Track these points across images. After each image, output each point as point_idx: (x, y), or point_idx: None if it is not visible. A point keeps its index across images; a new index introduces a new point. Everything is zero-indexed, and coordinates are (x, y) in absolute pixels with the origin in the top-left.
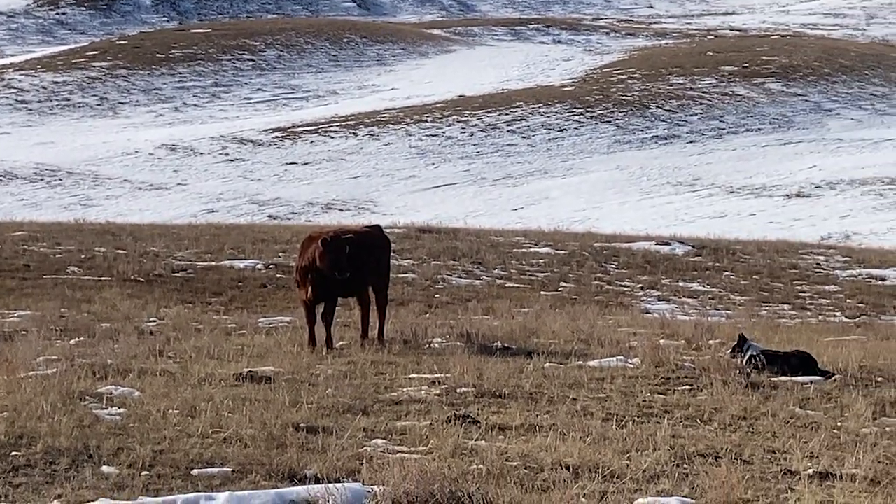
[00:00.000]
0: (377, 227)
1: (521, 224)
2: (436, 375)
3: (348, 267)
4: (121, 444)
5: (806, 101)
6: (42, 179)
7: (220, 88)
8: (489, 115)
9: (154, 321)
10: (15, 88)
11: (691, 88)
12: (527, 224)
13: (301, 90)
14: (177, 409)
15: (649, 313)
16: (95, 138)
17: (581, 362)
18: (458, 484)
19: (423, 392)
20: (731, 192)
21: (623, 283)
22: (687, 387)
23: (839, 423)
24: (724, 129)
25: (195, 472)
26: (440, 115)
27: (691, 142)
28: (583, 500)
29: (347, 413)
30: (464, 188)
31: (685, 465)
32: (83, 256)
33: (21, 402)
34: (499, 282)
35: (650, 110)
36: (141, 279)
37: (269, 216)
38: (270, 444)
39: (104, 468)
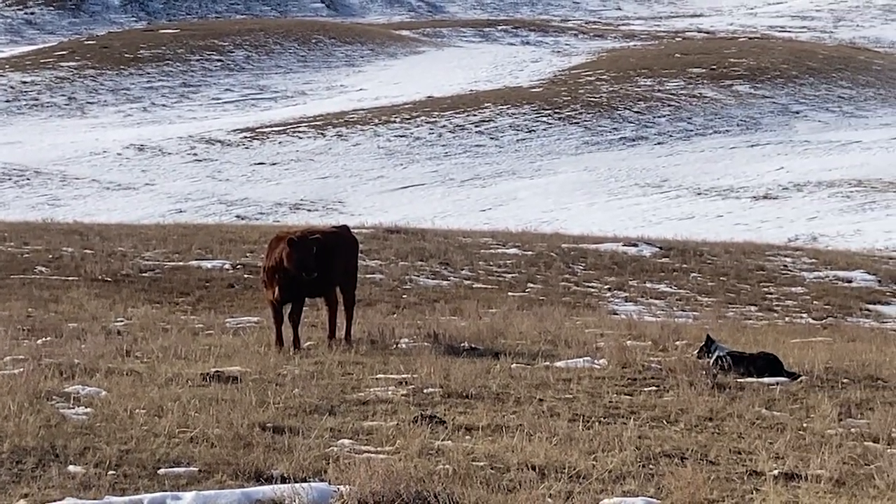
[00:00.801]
0: (345, 227)
1: (489, 225)
2: (403, 376)
3: (315, 267)
4: (87, 444)
5: (773, 103)
6: (10, 179)
7: (189, 89)
8: (457, 116)
9: (121, 321)
10: None
11: (659, 90)
12: (495, 225)
13: (269, 90)
14: (144, 408)
15: (616, 314)
16: (63, 138)
17: (548, 363)
18: (424, 484)
19: (389, 392)
20: (699, 194)
21: (590, 285)
22: (653, 388)
23: (805, 425)
24: (691, 130)
25: (162, 471)
26: (408, 116)
27: (659, 143)
28: (549, 500)
29: (314, 413)
30: (432, 189)
31: (651, 466)
32: (51, 256)
33: None
34: (466, 283)
35: (618, 112)
36: (108, 279)
37: (238, 216)
38: (237, 443)
39: (71, 467)
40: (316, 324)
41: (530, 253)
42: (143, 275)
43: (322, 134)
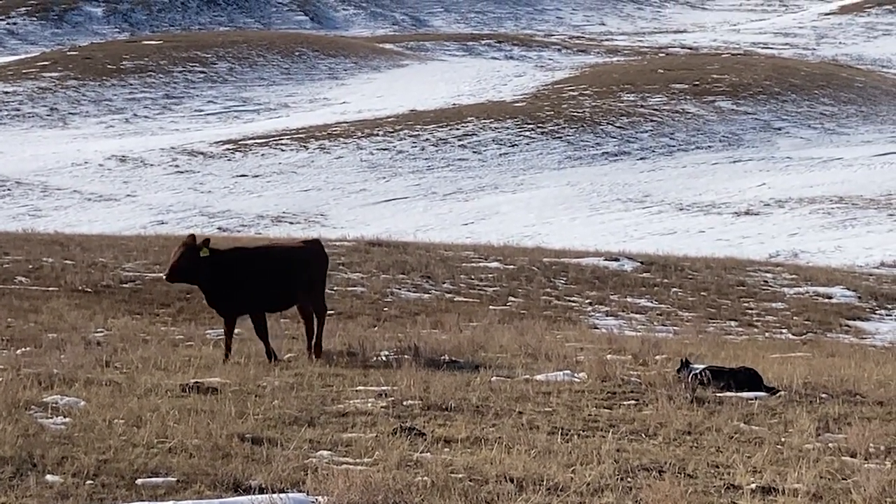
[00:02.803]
0: (315, 241)
1: (471, 239)
2: (382, 388)
3: (183, 277)
4: (65, 454)
5: (756, 119)
6: None
7: (172, 100)
8: (440, 129)
9: (101, 332)
10: None
11: (642, 106)
12: (477, 239)
13: (252, 103)
14: (122, 419)
15: (597, 328)
16: (45, 149)
17: (528, 376)
18: (402, 495)
19: (369, 404)
20: (681, 210)
21: (571, 299)
22: (633, 401)
23: (783, 439)
24: (674, 146)
25: (140, 481)
26: (391, 130)
27: (641, 159)
28: None
29: (293, 424)
30: (414, 202)
31: (629, 479)
32: (31, 267)
33: None
34: (448, 296)
35: (601, 127)
36: (89, 290)
37: (219, 228)
38: (216, 454)
39: (48, 477)
40: (296, 336)
41: (512, 267)
42: (124, 286)
43: (305, 146)
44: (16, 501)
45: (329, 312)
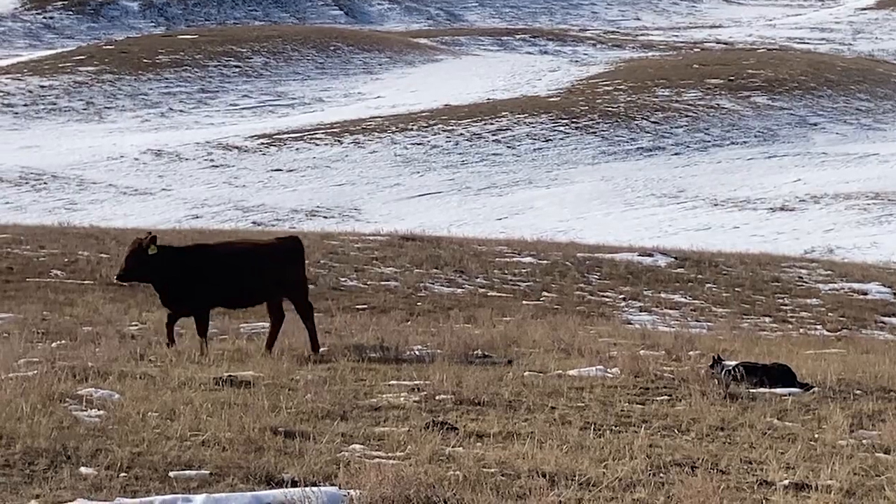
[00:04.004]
0: (291, 238)
1: (505, 234)
2: (415, 382)
3: (133, 277)
4: (99, 446)
5: (791, 114)
6: (27, 183)
7: (207, 94)
8: (474, 124)
9: (136, 325)
10: (1, 92)
11: (677, 101)
12: (510, 234)
13: (287, 97)
14: (156, 411)
15: (630, 324)
16: (81, 143)
17: (561, 371)
18: (434, 489)
19: (402, 398)
20: (715, 205)
21: (605, 294)
22: (665, 397)
23: (816, 435)
24: (709, 141)
25: (173, 474)
26: (425, 124)
27: (676, 154)
28: None
29: (326, 418)
30: (448, 197)
31: (661, 475)
32: (67, 260)
33: (1, 403)
34: (481, 291)
35: (635, 122)
36: (123, 283)
37: (254, 222)
38: (248, 447)
39: (82, 469)
40: (330, 330)
41: (545, 262)
42: None
43: (339, 141)
44: (50, 493)
45: (362, 306)
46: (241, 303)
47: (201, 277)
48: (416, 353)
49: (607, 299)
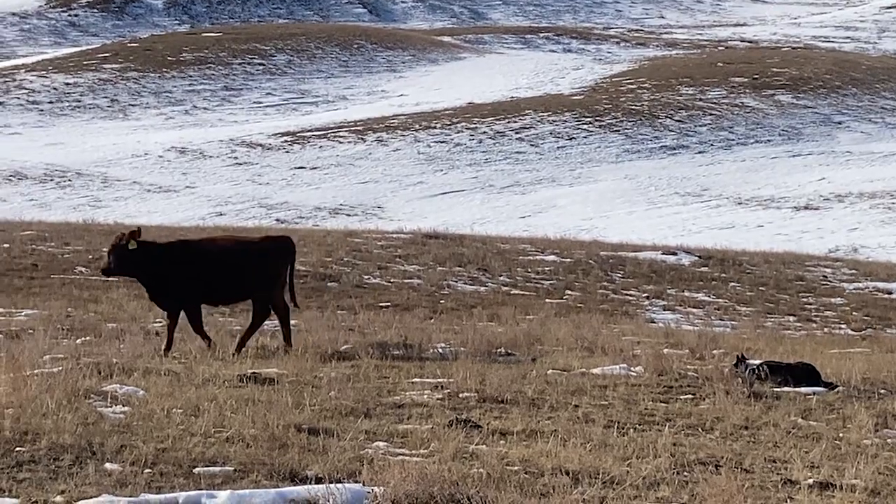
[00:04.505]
0: (281, 237)
1: (528, 232)
2: (439, 380)
3: (116, 271)
4: (124, 442)
5: (816, 113)
6: (52, 180)
7: (231, 92)
8: (498, 122)
9: (160, 322)
10: (26, 89)
11: (701, 99)
12: (534, 232)
13: (311, 95)
14: (180, 408)
15: (654, 323)
16: (105, 140)
17: (584, 370)
18: (457, 486)
19: (425, 396)
20: (739, 204)
21: (628, 293)
22: (689, 396)
23: (841, 434)
24: (733, 140)
25: (197, 470)
26: (449, 122)
27: (700, 152)
28: None
29: (350, 415)
30: (471, 195)
31: (685, 473)
32: (91, 257)
33: (27, 399)
34: (504, 289)
35: (659, 120)
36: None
37: (277, 220)
38: (272, 444)
39: (107, 465)
40: (353, 328)
41: (569, 260)
42: None
43: (362, 139)
44: (75, 489)
45: (385, 304)
46: (224, 299)
47: (183, 273)
48: (440, 350)
49: (631, 298)
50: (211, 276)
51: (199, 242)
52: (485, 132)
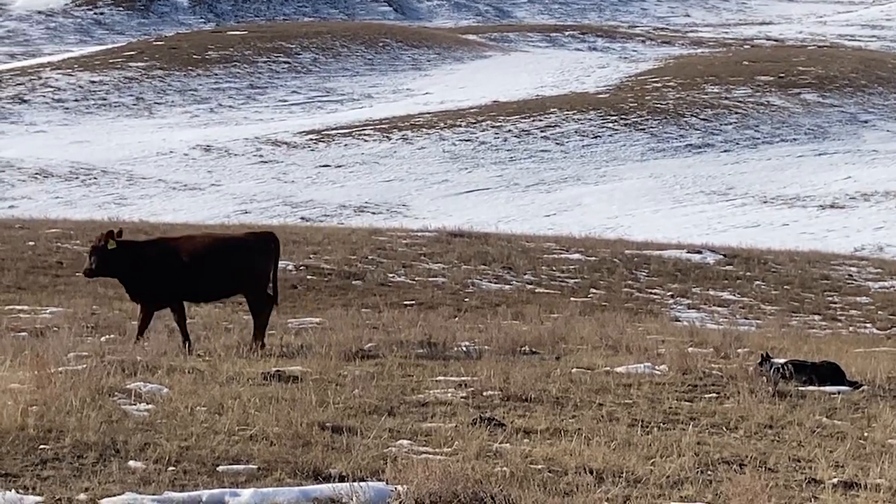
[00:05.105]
0: (264, 233)
1: (553, 230)
2: (462, 378)
3: (97, 272)
4: (148, 440)
5: (842, 112)
6: (77, 178)
7: (256, 90)
8: (523, 120)
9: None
10: (52, 87)
11: (726, 98)
12: (558, 230)
13: (336, 93)
14: (204, 406)
15: (679, 321)
16: (131, 138)
17: (608, 368)
18: (481, 485)
19: (449, 394)
20: (765, 202)
21: (653, 291)
22: (713, 394)
23: (866, 434)
24: (758, 138)
25: (221, 468)
26: (474, 121)
27: (725, 151)
28: (606, 503)
29: (373, 414)
30: (496, 193)
31: (709, 472)
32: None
33: (51, 397)
34: (528, 287)
35: (685, 119)
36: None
37: (302, 218)
38: (296, 442)
39: (131, 463)
40: (377, 326)
41: (593, 258)
42: None
43: (387, 137)
44: (99, 487)
45: (409, 302)
46: (205, 296)
47: (161, 271)
48: (464, 349)
49: (655, 296)
50: (191, 273)
51: (178, 240)
52: (510, 130)
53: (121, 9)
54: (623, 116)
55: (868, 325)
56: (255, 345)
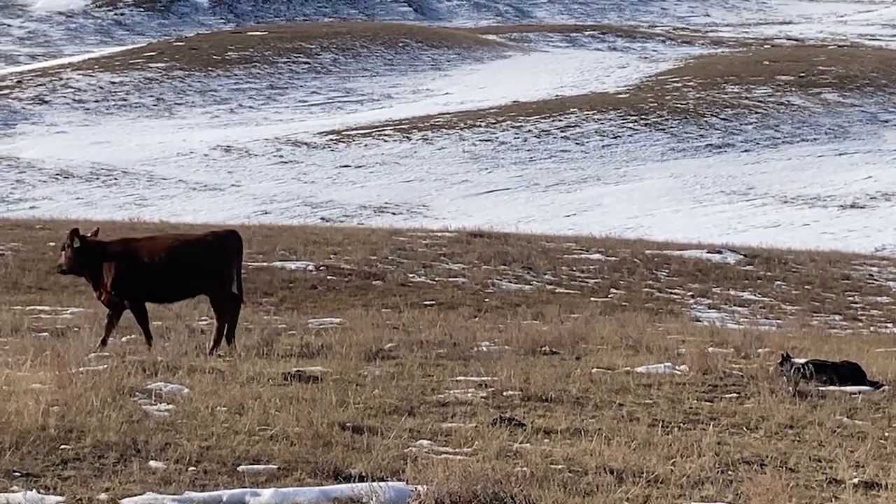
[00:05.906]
0: (227, 232)
1: (573, 230)
2: (483, 378)
3: (67, 270)
4: (169, 440)
5: (862, 111)
6: (98, 179)
7: (276, 91)
8: (543, 121)
9: (205, 320)
10: (72, 88)
11: (747, 97)
12: (579, 230)
13: (356, 94)
14: (225, 406)
15: (699, 321)
16: (151, 138)
17: (629, 368)
18: (501, 485)
19: (469, 394)
20: (785, 202)
21: (673, 291)
22: (734, 394)
23: (887, 434)
24: (779, 138)
25: (241, 468)
26: (494, 121)
27: (746, 151)
28: (626, 503)
29: (394, 414)
30: (516, 193)
31: (730, 472)
32: None
33: (72, 397)
34: (549, 287)
35: (705, 118)
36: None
37: (322, 218)
38: (316, 442)
39: (152, 463)
40: (398, 326)
41: (614, 259)
42: None
43: (407, 137)
44: (119, 486)
45: (429, 302)
46: (167, 296)
47: (123, 270)
48: (484, 349)
49: (676, 296)
50: (152, 273)
51: (140, 241)
52: (530, 130)
53: (141, 9)
54: (643, 116)
55: (889, 324)
56: (230, 347)
